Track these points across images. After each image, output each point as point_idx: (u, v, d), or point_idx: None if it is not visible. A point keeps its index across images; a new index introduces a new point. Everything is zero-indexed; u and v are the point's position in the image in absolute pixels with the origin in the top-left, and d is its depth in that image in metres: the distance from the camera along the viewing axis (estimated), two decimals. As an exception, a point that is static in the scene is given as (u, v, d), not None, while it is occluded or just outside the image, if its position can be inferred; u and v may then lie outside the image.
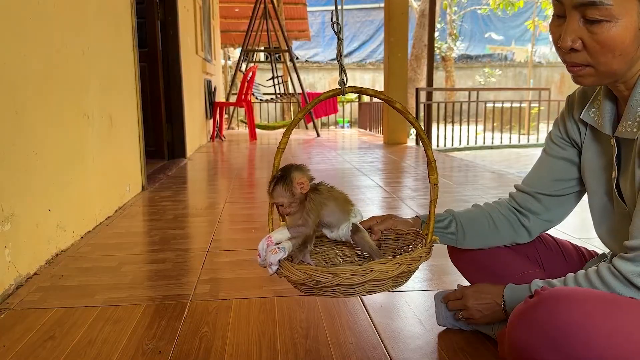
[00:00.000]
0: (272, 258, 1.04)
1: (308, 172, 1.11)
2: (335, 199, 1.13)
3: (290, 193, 1.08)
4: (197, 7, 6.53)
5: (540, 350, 0.83)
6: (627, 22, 0.84)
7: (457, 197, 3.27)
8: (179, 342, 1.36)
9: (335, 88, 1.05)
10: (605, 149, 1.04)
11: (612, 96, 1.01)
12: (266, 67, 11.51)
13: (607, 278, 0.91)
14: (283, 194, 1.08)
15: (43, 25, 2.08)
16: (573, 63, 0.92)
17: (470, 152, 7.35)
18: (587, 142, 1.09)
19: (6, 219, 1.71)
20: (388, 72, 6.91)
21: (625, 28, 0.85)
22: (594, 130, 1.07)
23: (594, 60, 0.89)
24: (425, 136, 1.06)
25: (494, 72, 16.15)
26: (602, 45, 0.87)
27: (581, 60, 0.91)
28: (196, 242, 2.36)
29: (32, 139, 1.94)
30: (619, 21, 0.84)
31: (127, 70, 3.32)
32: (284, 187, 1.08)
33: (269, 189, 1.10)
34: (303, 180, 1.09)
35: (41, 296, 1.69)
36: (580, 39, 0.89)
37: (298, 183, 1.08)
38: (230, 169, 4.92)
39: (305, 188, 1.09)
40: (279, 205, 1.10)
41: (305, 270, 0.98)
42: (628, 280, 0.88)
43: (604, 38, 0.86)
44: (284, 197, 1.09)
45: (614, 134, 0.98)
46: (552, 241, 1.30)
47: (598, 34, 0.86)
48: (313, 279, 0.96)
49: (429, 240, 1.09)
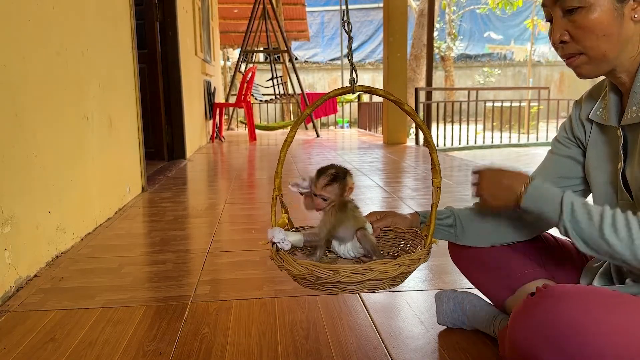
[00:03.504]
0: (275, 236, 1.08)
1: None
2: (355, 219, 1.16)
3: (338, 194, 1.13)
4: (196, 8, 6.53)
5: (541, 349, 0.83)
6: (602, 6, 0.93)
7: (457, 197, 3.27)
8: (179, 343, 1.36)
9: (345, 86, 1.05)
10: (611, 141, 1.05)
11: (617, 90, 1.04)
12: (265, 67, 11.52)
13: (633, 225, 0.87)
14: (335, 192, 1.13)
15: (42, 27, 2.08)
16: (567, 55, 0.99)
17: (470, 151, 7.34)
18: (592, 139, 1.11)
19: (6, 221, 1.71)
20: (387, 72, 6.91)
21: (601, 11, 0.93)
22: (599, 127, 1.09)
23: (582, 46, 0.97)
24: (432, 139, 1.07)
25: (493, 72, 16.15)
26: (584, 30, 0.95)
27: (572, 50, 0.98)
28: (196, 243, 2.36)
29: (32, 140, 1.94)
30: (593, 5, 0.93)
31: (127, 72, 3.32)
32: (339, 186, 1.13)
33: (320, 181, 1.12)
34: (353, 187, 1.15)
35: (41, 298, 1.69)
36: (566, 31, 0.97)
37: (350, 188, 1.14)
38: (230, 169, 4.92)
39: (349, 194, 1.15)
40: (322, 198, 1.13)
41: (307, 266, 0.98)
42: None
43: (584, 23, 0.94)
44: (333, 195, 1.13)
45: (620, 124, 1.00)
46: (553, 240, 1.30)
47: (578, 21, 0.95)
48: (314, 274, 0.97)
49: (428, 242, 1.10)
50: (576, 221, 0.92)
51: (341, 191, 1.13)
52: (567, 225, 0.93)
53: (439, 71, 15.10)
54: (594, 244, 0.91)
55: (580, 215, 0.92)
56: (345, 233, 1.16)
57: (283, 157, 1.12)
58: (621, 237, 0.87)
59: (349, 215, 1.15)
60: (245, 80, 7.70)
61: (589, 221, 0.91)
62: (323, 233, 1.13)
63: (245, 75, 7.86)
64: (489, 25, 17.84)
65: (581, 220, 0.92)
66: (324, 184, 1.13)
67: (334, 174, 1.13)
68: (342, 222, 1.14)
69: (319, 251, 1.15)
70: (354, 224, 1.15)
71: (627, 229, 0.87)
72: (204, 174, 4.66)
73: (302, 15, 12.46)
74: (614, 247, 0.88)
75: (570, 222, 0.93)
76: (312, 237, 1.15)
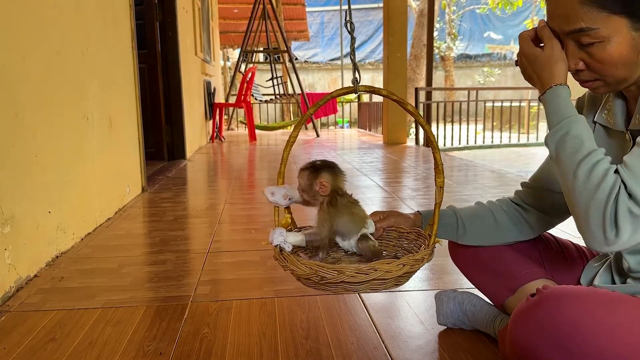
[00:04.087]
0: (276, 238, 1.07)
1: (340, 178, 1.13)
2: (352, 215, 1.14)
3: (309, 186, 1.11)
4: (196, 8, 6.53)
5: (542, 349, 0.83)
6: (619, 38, 0.87)
7: (458, 196, 3.27)
8: (179, 344, 1.36)
9: (348, 86, 1.05)
10: (617, 145, 1.05)
11: (622, 95, 1.03)
12: (265, 67, 11.52)
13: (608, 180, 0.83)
14: (304, 181, 1.11)
15: (42, 27, 2.08)
16: (583, 80, 0.96)
17: (470, 151, 7.34)
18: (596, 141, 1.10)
19: (6, 221, 1.71)
20: (387, 72, 6.91)
21: (619, 43, 0.88)
22: (605, 130, 1.07)
23: (600, 75, 0.93)
24: (435, 139, 1.07)
25: (493, 72, 16.15)
26: (603, 63, 0.90)
27: (589, 77, 0.94)
28: (196, 243, 2.36)
29: (32, 140, 1.94)
30: (611, 39, 0.87)
31: (127, 72, 3.32)
32: (308, 177, 1.11)
33: (301, 168, 1.13)
34: (325, 183, 1.10)
35: (41, 298, 1.69)
36: (581, 61, 0.92)
37: (319, 182, 1.10)
38: (230, 170, 4.92)
39: (323, 191, 1.11)
40: (298, 187, 1.13)
41: (311, 266, 0.99)
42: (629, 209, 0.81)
43: (602, 57, 0.89)
44: (302, 184, 1.12)
45: (628, 128, 0.99)
46: (553, 240, 1.30)
47: (595, 54, 0.90)
48: (318, 274, 0.97)
49: (432, 242, 1.09)
50: (563, 147, 0.89)
51: (309, 182, 1.10)
52: (550, 143, 0.92)
53: (439, 71, 15.10)
54: (563, 168, 0.89)
55: (569, 143, 0.89)
56: (345, 228, 1.14)
57: (286, 157, 1.11)
58: (589, 183, 0.84)
59: (343, 210, 1.12)
60: (245, 80, 7.70)
61: (573, 153, 0.88)
62: (324, 232, 1.12)
63: (245, 76, 7.86)
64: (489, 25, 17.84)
65: (568, 147, 0.89)
66: (299, 171, 1.12)
67: (313, 163, 1.12)
68: (337, 217, 1.12)
69: (321, 252, 1.14)
70: (351, 219, 1.13)
71: (601, 178, 0.83)
72: (204, 174, 4.66)
73: (302, 15, 12.46)
74: (576, 182, 0.85)
75: (554, 142, 0.91)
76: (314, 236, 1.13)
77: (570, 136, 0.89)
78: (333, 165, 1.13)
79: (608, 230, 0.81)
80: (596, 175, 0.84)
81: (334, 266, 0.98)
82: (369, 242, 1.15)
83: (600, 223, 0.82)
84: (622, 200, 0.81)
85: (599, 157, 0.86)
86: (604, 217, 0.81)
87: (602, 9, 0.86)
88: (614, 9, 0.86)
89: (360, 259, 1.20)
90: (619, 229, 0.80)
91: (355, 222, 1.14)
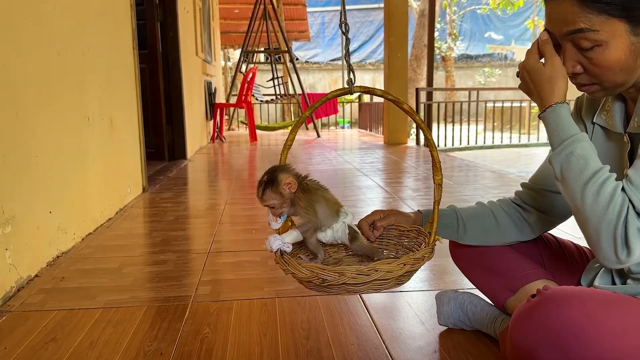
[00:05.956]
0: (273, 244, 1.07)
1: (294, 170, 1.13)
2: (326, 200, 1.14)
3: (280, 195, 1.10)
4: (197, 8, 6.53)
5: (542, 350, 0.83)
6: (617, 42, 0.87)
7: (458, 197, 3.27)
8: (180, 344, 1.36)
9: (343, 87, 1.05)
10: (616, 147, 1.05)
11: (621, 97, 1.02)
12: (266, 68, 11.53)
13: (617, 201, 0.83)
14: (273, 197, 1.10)
15: (43, 27, 2.08)
16: (580, 84, 0.95)
17: (470, 151, 7.34)
18: (594, 142, 1.10)
19: (7, 221, 1.71)
20: (388, 73, 6.91)
21: (617, 48, 0.87)
22: (604, 131, 1.07)
23: (597, 80, 0.92)
24: (432, 137, 1.07)
25: (494, 72, 16.15)
26: (601, 67, 0.90)
27: (586, 81, 0.94)
28: (197, 244, 2.36)
29: (33, 141, 1.94)
30: (610, 43, 0.87)
31: (127, 72, 3.32)
32: (273, 190, 1.10)
33: (258, 193, 1.11)
34: (290, 181, 1.10)
35: (42, 298, 1.69)
36: (579, 64, 0.92)
37: (286, 184, 1.09)
38: (230, 170, 4.92)
39: (293, 187, 1.10)
40: (270, 207, 1.12)
41: (312, 268, 0.99)
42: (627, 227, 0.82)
43: (600, 61, 0.89)
44: (275, 199, 1.10)
45: (626, 130, 0.99)
46: (554, 241, 1.30)
47: (594, 59, 0.89)
48: (320, 277, 0.97)
49: (432, 240, 1.10)
50: (569, 168, 0.89)
51: (279, 191, 1.09)
52: (555, 164, 0.91)
53: (440, 71, 15.10)
54: (570, 189, 0.88)
55: (574, 164, 0.89)
56: (321, 216, 1.13)
57: (284, 160, 1.12)
58: (598, 205, 0.84)
59: (316, 194, 1.12)
60: (245, 80, 7.70)
61: (579, 174, 0.87)
62: (312, 215, 1.11)
63: (245, 76, 7.86)
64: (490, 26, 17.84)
65: (573, 168, 0.88)
66: (260, 196, 1.11)
67: (262, 181, 1.11)
68: (315, 203, 1.11)
69: (320, 253, 1.14)
70: (325, 204, 1.13)
71: (609, 199, 0.83)
72: (204, 174, 4.66)
73: (303, 15, 12.46)
74: (584, 204, 0.85)
75: (559, 163, 0.90)
76: (305, 226, 1.13)
77: (575, 156, 0.89)
78: (278, 166, 1.13)
79: (619, 251, 0.83)
80: (604, 197, 0.84)
81: (335, 268, 0.98)
82: (359, 240, 1.15)
83: (611, 244, 0.83)
84: (632, 220, 0.82)
85: (605, 175, 0.86)
86: (614, 238, 0.83)
87: (601, 12, 0.86)
88: (614, 13, 0.85)
89: (360, 259, 1.20)
90: (630, 249, 0.82)
91: (331, 207, 1.14)
